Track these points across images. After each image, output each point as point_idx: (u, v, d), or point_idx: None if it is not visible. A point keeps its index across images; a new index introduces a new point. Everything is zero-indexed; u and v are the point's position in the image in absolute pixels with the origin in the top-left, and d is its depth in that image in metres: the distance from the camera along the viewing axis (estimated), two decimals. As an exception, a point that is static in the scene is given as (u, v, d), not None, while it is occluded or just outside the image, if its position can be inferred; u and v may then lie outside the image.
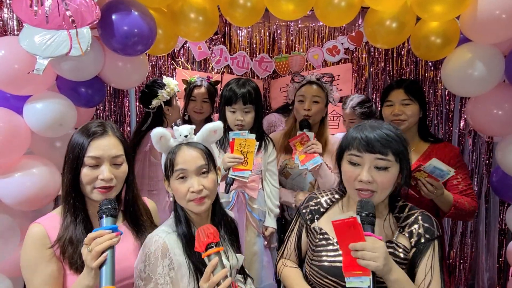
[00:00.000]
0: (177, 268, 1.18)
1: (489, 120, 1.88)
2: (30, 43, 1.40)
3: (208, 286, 1.08)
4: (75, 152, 1.22)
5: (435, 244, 1.19)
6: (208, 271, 1.10)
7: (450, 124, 3.23)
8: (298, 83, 2.17)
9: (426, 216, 1.24)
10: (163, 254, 1.16)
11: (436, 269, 1.17)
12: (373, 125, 1.19)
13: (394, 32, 1.89)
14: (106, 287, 1.05)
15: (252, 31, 3.40)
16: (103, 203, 1.15)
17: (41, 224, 1.23)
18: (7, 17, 2.91)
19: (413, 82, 1.97)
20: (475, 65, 1.74)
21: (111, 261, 1.07)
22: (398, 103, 1.89)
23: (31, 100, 1.60)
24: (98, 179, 1.22)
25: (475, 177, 3.19)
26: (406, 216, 1.24)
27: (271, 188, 2.06)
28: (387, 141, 1.13)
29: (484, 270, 3.18)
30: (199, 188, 1.21)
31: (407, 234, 1.21)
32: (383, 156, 1.13)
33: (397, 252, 1.19)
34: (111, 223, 1.13)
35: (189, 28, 1.91)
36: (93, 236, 1.08)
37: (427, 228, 1.20)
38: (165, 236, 1.20)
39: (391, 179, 1.16)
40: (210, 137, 1.32)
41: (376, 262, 1.02)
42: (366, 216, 1.10)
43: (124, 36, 1.53)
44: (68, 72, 1.57)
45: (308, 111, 2.08)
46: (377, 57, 3.33)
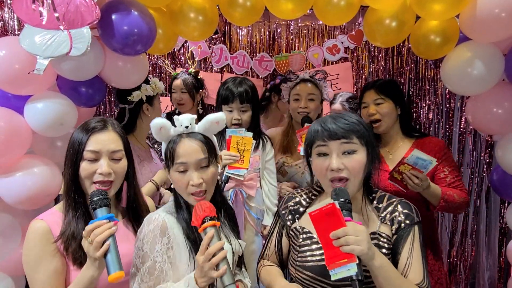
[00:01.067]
0: (175, 248, 1.19)
1: (489, 118, 1.88)
2: (31, 43, 1.41)
3: (204, 258, 1.07)
4: (74, 146, 1.24)
5: (415, 230, 1.21)
6: (204, 243, 1.08)
7: (450, 122, 3.23)
8: (292, 82, 2.19)
9: (404, 203, 1.25)
10: (162, 232, 1.17)
11: (416, 253, 1.18)
12: (333, 116, 1.23)
13: (394, 31, 1.89)
14: (116, 273, 1.05)
15: (252, 30, 3.40)
16: (93, 194, 1.15)
17: (43, 220, 1.24)
18: (7, 17, 2.92)
19: (385, 81, 2.00)
20: (475, 63, 1.74)
21: (115, 248, 1.08)
22: (371, 103, 1.93)
23: (31, 100, 1.60)
24: (97, 173, 1.22)
25: (475, 176, 3.19)
26: (385, 206, 1.25)
27: (269, 187, 2.07)
28: (348, 125, 1.16)
29: (484, 269, 3.18)
30: (198, 182, 1.21)
31: (388, 223, 1.22)
32: (348, 140, 1.15)
33: (381, 242, 1.19)
34: (106, 212, 1.13)
35: (188, 28, 1.92)
36: (91, 228, 1.09)
37: (407, 214, 1.22)
38: (164, 215, 1.21)
39: (360, 162, 1.16)
40: (212, 128, 1.31)
41: (360, 246, 0.99)
42: (343, 202, 1.08)
43: (124, 36, 1.53)
44: (69, 72, 1.58)
45: (304, 109, 2.10)
46: (377, 56, 3.33)
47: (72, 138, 1.27)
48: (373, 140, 1.22)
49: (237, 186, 1.99)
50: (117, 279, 1.05)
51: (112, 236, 1.09)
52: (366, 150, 1.18)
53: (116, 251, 1.08)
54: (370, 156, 1.19)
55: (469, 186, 3.18)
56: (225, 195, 1.43)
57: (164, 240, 1.17)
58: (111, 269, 1.06)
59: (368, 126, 1.24)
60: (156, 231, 1.17)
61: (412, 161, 1.68)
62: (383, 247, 1.19)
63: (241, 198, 2.00)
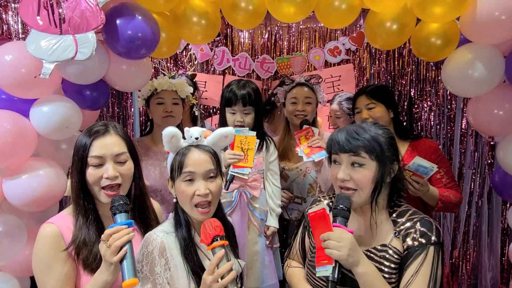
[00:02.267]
0: (173, 270, 1.17)
1: (490, 120, 1.89)
2: (37, 47, 1.43)
3: (213, 278, 1.07)
4: (79, 153, 1.24)
5: (429, 250, 1.14)
6: (213, 263, 1.09)
7: (452, 124, 3.23)
8: (288, 85, 2.22)
9: (426, 221, 1.19)
10: (160, 253, 1.16)
11: (423, 274, 1.12)
12: (349, 127, 1.22)
13: (395, 34, 1.90)
14: (130, 279, 1.06)
15: (253, 33, 3.42)
16: (115, 199, 1.16)
17: (54, 224, 1.24)
18: (12, 21, 2.95)
19: (376, 86, 2.04)
20: (475, 65, 1.75)
21: (131, 255, 1.09)
22: (364, 109, 1.97)
23: (37, 103, 1.62)
24: (103, 177, 1.22)
25: (477, 177, 3.19)
26: (404, 221, 1.21)
27: (273, 188, 2.08)
28: (355, 140, 1.16)
29: (487, 269, 3.18)
30: (205, 192, 1.20)
31: (401, 238, 1.18)
32: (354, 154, 1.17)
33: (388, 255, 1.18)
34: (125, 218, 1.14)
35: (191, 32, 1.93)
36: (110, 232, 1.09)
37: (423, 233, 1.16)
38: (163, 235, 1.19)
39: (367, 176, 1.17)
40: (220, 142, 1.31)
41: (339, 252, 1.06)
42: (340, 209, 1.14)
43: (128, 40, 1.55)
44: (74, 75, 1.60)
45: (302, 112, 2.13)
46: (378, 58, 3.34)
47: (76, 145, 1.27)
48: (386, 155, 1.18)
49: (241, 187, 2.00)
50: (131, 286, 1.06)
51: (129, 242, 1.09)
52: (377, 165, 1.17)
53: (132, 257, 1.09)
54: (381, 171, 1.17)
55: (470, 187, 3.19)
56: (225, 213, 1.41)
57: (162, 261, 1.16)
58: (125, 275, 1.07)
59: (385, 141, 1.19)
60: (155, 253, 1.16)
61: (414, 168, 1.71)
62: (391, 260, 1.17)
63: (245, 199, 2.01)
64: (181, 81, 2.14)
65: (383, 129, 1.23)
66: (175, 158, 1.24)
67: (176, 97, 2.11)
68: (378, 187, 1.18)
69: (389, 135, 1.22)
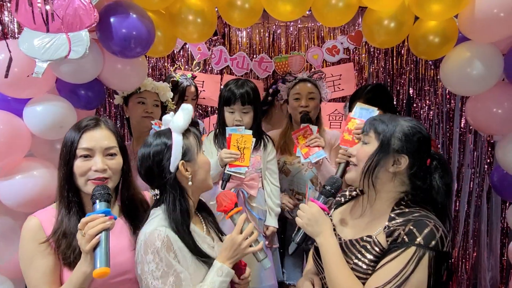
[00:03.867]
0: (182, 261, 1.19)
1: (488, 118, 1.88)
2: (30, 46, 1.41)
3: (243, 236, 1.25)
4: (67, 145, 1.23)
5: (408, 250, 1.04)
6: (240, 224, 1.27)
7: (451, 123, 3.22)
8: (291, 82, 2.21)
9: (421, 222, 1.08)
10: (168, 248, 1.16)
11: (387, 269, 1.05)
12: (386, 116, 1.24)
13: (392, 32, 1.90)
14: (101, 268, 1.04)
15: (251, 32, 3.41)
16: (95, 189, 1.16)
17: (36, 217, 1.24)
18: (7, 20, 2.94)
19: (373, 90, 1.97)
20: (474, 64, 1.74)
21: (105, 244, 1.07)
22: None
23: (31, 103, 1.61)
24: (92, 170, 1.21)
25: (476, 176, 3.18)
26: (400, 221, 1.12)
27: (272, 187, 2.07)
28: (375, 120, 1.22)
29: (486, 269, 3.17)
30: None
31: (386, 233, 1.11)
32: (366, 133, 1.23)
33: (369, 247, 1.14)
34: (104, 207, 1.12)
35: (187, 30, 1.92)
36: (86, 221, 1.08)
37: (410, 232, 1.06)
38: (165, 229, 1.18)
39: (366, 152, 1.20)
40: None
41: (300, 220, 1.23)
42: (323, 188, 1.28)
43: (123, 38, 1.54)
44: (68, 74, 1.58)
45: (305, 108, 2.13)
46: (377, 56, 3.33)
47: (65, 137, 1.26)
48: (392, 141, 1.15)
49: (238, 186, 1.99)
50: (102, 275, 1.04)
51: (105, 231, 1.08)
52: (378, 146, 1.18)
53: (107, 246, 1.07)
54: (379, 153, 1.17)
55: (470, 186, 3.17)
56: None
57: (171, 255, 1.17)
58: (97, 264, 1.05)
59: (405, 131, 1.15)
60: (164, 248, 1.15)
61: (358, 113, 1.72)
62: (370, 252, 1.14)
63: (242, 198, 2.00)
64: (164, 85, 2.16)
65: (416, 126, 1.18)
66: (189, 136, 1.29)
67: (157, 99, 2.13)
68: (371, 164, 1.17)
69: (416, 131, 1.16)
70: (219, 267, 1.22)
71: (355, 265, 1.14)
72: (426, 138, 1.18)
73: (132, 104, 2.09)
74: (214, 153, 2.03)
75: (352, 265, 1.15)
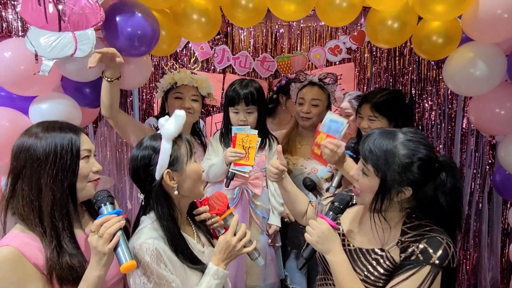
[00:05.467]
0: (172, 270, 1.18)
1: (491, 119, 1.88)
2: (36, 44, 1.42)
3: (237, 237, 1.24)
4: (68, 148, 1.12)
5: (424, 269, 1.06)
6: (234, 225, 1.26)
7: (452, 123, 3.22)
8: (301, 84, 2.17)
9: (436, 240, 1.09)
10: (158, 260, 1.14)
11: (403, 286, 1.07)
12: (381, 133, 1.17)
13: (396, 32, 1.90)
14: (128, 262, 1.06)
15: (254, 31, 3.41)
16: (98, 194, 1.14)
17: (9, 245, 1.06)
18: (11, 18, 2.94)
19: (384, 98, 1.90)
20: (477, 64, 1.74)
21: (124, 241, 1.08)
22: (365, 118, 1.94)
23: (36, 101, 1.62)
24: (92, 172, 1.20)
25: (478, 177, 3.18)
26: (413, 235, 1.14)
27: (276, 186, 2.07)
28: (370, 152, 1.16)
29: (487, 269, 3.17)
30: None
31: (400, 249, 1.13)
32: (364, 163, 1.19)
33: (381, 261, 1.16)
34: (112, 209, 1.12)
35: (191, 29, 1.92)
36: (100, 222, 1.06)
37: (424, 250, 1.08)
38: (153, 242, 1.15)
39: (367, 185, 1.18)
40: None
41: (310, 237, 1.21)
42: (334, 206, 1.26)
43: (128, 37, 1.54)
44: (73, 73, 1.59)
45: (307, 114, 2.10)
46: (379, 56, 3.33)
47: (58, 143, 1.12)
48: (393, 178, 1.11)
49: (243, 184, 2.00)
50: (131, 268, 1.05)
51: (121, 229, 1.08)
52: (379, 182, 1.14)
53: (126, 243, 1.08)
54: (382, 189, 1.14)
55: (471, 186, 3.18)
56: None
57: (162, 266, 1.15)
58: (122, 259, 1.06)
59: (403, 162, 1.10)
60: (153, 262, 1.13)
61: (326, 125, 1.67)
62: (381, 265, 1.16)
63: (246, 197, 2.01)
64: (204, 78, 2.05)
65: (416, 150, 1.11)
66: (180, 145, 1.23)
67: (196, 94, 2.03)
68: (378, 200, 1.16)
69: (415, 158, 1.10)
70: (214, 270, 1.21)
71: (365, 277, 1.18)
72: (426, 161, 1.11)
73: (171, 100, 2.02)
74: (220, 152, 2.04)
75: (363, 276, 1.18)
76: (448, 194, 1.14)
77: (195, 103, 2.03)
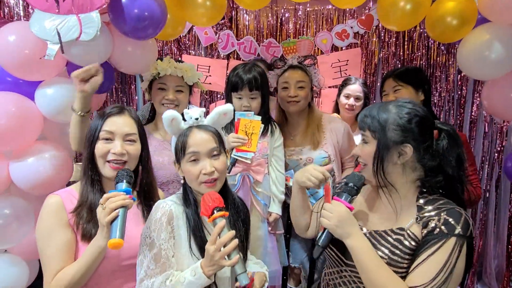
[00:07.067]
0: (177, 238, 1.21)
1: (505, 104, 1.84)
2: (41, 28, 1.39)
3: (215, 247, 1.09)
4: (91, 129, 1.31)
5: (449, 240, 1.06)
6: (215, 233, 1.11)
7: (461, 110, 3.18)
8: (280, 69, 2.09)
9: (455, 211, 1.10)
10: (168, 221, 1.19)
11: (434, 261, 1.05)
12: (378, 104, 1.24)
13: (409, 13, 1.84)
14: (116, 239, 1.08)
15: (259, 16, 3.34)
16: (119, 172, 1.23)
17: (58, 195, 1.30)
18: (13, 3, 2.89)
19: (405, 68, 1.96)
20: (493, 46, 1.70)
21: (122, 219, 1.12)
22: (391, 92, 1.90)
23: (42, 86, 1.60)
24: (111, 152, 1.28)
25: (486, 164, 3.15)
26: (430, 209, 1.13)
27: (277, 174, 2.05)
28: (366, 117, 1.21)
29: (492, 257, 3.17)
30: (211, 170, 1.21)
31: (421, 224, 1.12)
32: (363, 132, 1.22)
33: (404, 239, 1.13)
34: (125, 187, 1.19)
35: (196, 13, 1.88)
36: (108, 196, 1.14)
37: (447, 222, 1.08)
38: (172, 204, 1.22)
39: (368, 152, 1.19)
40: (220, 120, 1.32)
41: (328, 221, 1.14)
42: (345, 185, 1.21)
43: (136, 19, 1.51)
44: (78, 57, 1.56)
45: (294, 98, 2.02)
46: (387, 41, 3.25)
47: (91, 123, 1.34)
48: (388, 136, 1.14)
49: (244, 170, 1.97)
50: (117, 246, 1.08)
51: (124, 207, 1.13)
52: (377, 143, 1.17)
53: (123, 222, 1.12)
54: (380, 150, 1.16)
55: (479, 174, 3.15)
56: (229, 188, 1.41)
57: (168, 228, 1.19)
58: (112, 235, 1.09)
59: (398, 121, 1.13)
60: (163, 220, 1.19)
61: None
62: (405, 245, 1.13)
63: (248, 183, 1.99)
64: (189, 66, 1.91)
65: (409, 108, 1.17)
66: (178, 140, 1.27)
67: (181, 84, 1.88)
68: (378, 164, 1.17)
69: (411, 116, 1.14)
70: (195, 267, 1.15)
71: (389, 259, 1.13)
72: (424, 118, 1.15)
73: (154, 91, 1.88)
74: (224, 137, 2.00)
75: (387, 259, 1.13)
76: (451, 162, 1.16)
77: (180, 94, 1.88)
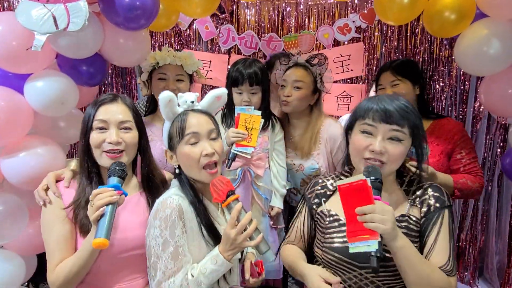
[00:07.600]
0: (189, 232, 1.20)
1: (503, 100, 1.80)
2: (28, 18, 1.37)
3: (237, 230, 1.12)
4: (85, 119, 1.30)
5: (444, 213, 1.20)
6: (234, 217, 1.14)
7: (464, 105, 3.12)
8: (285, 66, 2.04)
9: (435, 186, 1.25)
10: (179, 216, 1.17)
11: (443, 236, 1.17)
12: (391, 97, 1.18)
13: (406, 8, 1.80)
14: (100, 239, 1.06)
15: (260, 10, 3.31)
16: (112, 165, 1.22)
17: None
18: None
19: (402, 61, 1.92)
20: (491, 42, 1.65)
21: (110, 217, 1.10)
22: (388, 86, 1.85)
23: (31, 79, 1.58)
24: (106, 141, 1.27)
25: (488, 160, 3.10)
26: (415, 189, 1.25)
27: (278, 168, 2.05)
28: (406, 113, 1.12)
29: (494, 253, 3.14)
30: (212, 151, 1.21)
31: (418, 205, 1.22)
32: (399, 127, 1.12)
33: (411, 225, 1.19)
34: (115, 182, 1.17)
35: (190, 4, 1.85)
36: (96, 192, 1.14)
37: (437, 197, 1.21)
38: (178, 198, 1.20)
39: (402, 151, 1.14)
40: (214, 104, 1.32)
41: (385, 225, 1.00)
42: (374, 181, 1.07)
43: (127, 8, 1.48)
44: (67, 48, 1.54)
45: (287, 97, 1.96)
46: (390, 36, 3.20)
47: (85, 111, 1.33)
48: (421, 132, 1.18)
49: (245, 165, 1.98)
50: (100, 246, 1.07)
51: (112, 204, 1.11)
52: (411, 141, 1.17)
53: (110, 220, 1.10)
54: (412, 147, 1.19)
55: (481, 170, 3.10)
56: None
57: (180, 224, 1.17)
58: (97, 234, 1.08)
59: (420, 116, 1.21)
60: (173, 216, 1.16)
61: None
62: (413, 229, 1.19)
63: (249, 177, 1.99)
64: (188, 54, 1.91)
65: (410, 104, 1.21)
66: (173, 124, 1.25)
67: (181, 73, 1.89)
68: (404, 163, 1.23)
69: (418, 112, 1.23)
70: (215, 255, 1.17)
71: None
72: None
73: (154, 81, 1.89)
74: (222, 133, 2.00)
75: None
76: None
77: (180, 83, 1.90)
